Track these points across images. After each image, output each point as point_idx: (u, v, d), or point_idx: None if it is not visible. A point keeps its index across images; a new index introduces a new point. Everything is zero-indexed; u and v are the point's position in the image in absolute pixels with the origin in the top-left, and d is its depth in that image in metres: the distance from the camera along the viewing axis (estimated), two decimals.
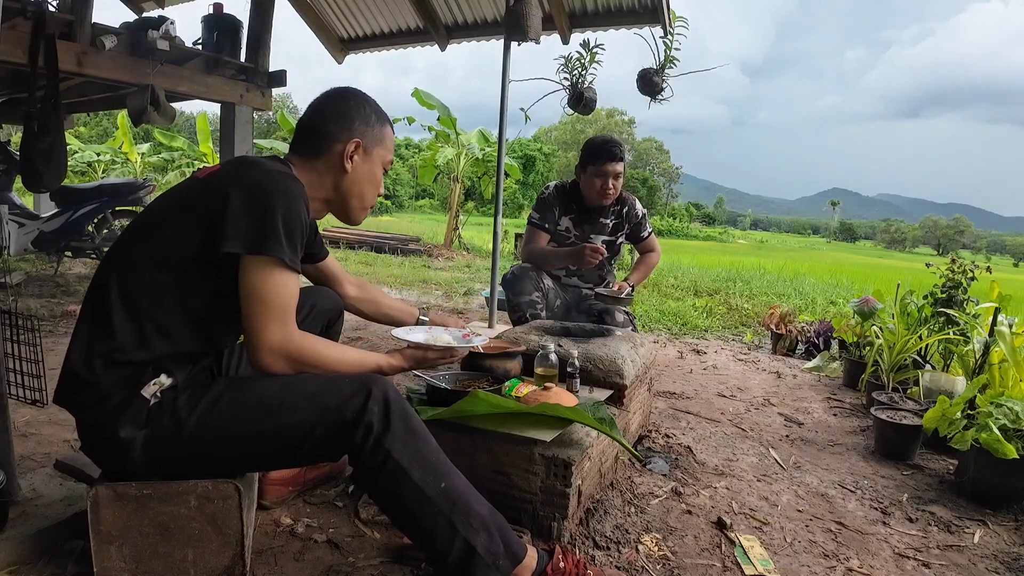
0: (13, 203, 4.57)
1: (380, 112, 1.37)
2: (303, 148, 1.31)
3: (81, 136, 17.50)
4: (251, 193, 1.12)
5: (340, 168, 1.30)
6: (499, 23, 4.29)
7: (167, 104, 3.47)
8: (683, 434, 2.34)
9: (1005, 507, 1.85)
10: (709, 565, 1.47)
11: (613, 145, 2.67)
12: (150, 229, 1.19)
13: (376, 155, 1.35)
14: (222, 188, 1.14)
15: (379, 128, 1.35)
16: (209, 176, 1.20)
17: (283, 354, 1.14)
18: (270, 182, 1.14)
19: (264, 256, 1.11)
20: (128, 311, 1.12)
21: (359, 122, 1.31)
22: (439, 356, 1.37)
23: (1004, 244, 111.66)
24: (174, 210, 1.18)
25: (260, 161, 1.21)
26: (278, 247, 1.11)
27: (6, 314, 1.70)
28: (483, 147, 10.98)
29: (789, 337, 4.02)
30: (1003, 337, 2.33)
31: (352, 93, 1.35)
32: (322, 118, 1.31)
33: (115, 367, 1.11)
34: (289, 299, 1.14)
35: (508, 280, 2.67)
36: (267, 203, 1.12)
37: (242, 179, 1.14)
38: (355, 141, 1.29)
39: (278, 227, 1.11)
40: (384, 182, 1.42)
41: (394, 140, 1.42)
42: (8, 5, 2.73)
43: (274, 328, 1.12)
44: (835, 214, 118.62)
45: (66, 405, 1.16)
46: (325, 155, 1.30)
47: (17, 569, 1.26)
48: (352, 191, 1.34)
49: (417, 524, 1.14)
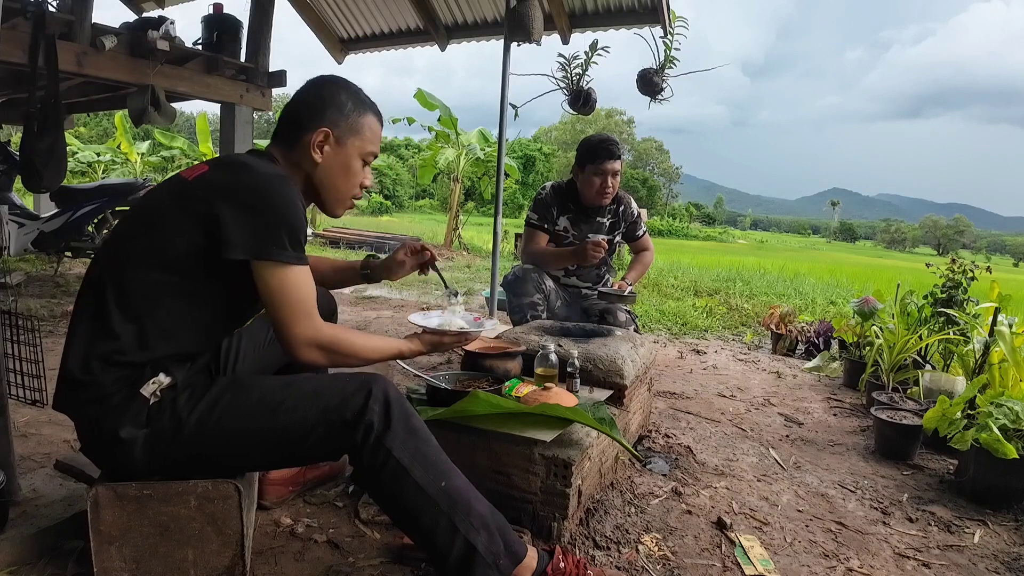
0: (13, 203, 4.57)
1: (360, 101, 1.32)
2: (280, 139, 1.29)
3: (81, 136, 17.50)
4: (249, 200, 1.12)
5: (310, 159, 1.27)
6: (499, 23, 4.30)
7: (167, 104, 3.46)
8: (683, 434, 2.33)
9: (1005, 507, 1.85)
10: (709, 565, 1.47)
11: (610, 143, 2.67)
12: (143, 229, 1.17)
13: (351, 145, 1.30)
14: (217, 195, 1.12)
15: (356, 118, 1.30)
16: (199, 178, 1.18)
17: (316, 345, 1.16)
18: (267, 187, 1.13)
19: (272, 261, 1.12)
20: (127, 312, 1.11)
21: (332, 111, 1.27)
22: (454, 340, 1.41)
23: (1004, 244, 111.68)
24: (167, 211, 1.16)
25: (250, 163, 1.19)
26: (282, 251, 1.12)
27: (6, 314, 1.70)
28: (483, 147, 10.98)
29: (789, 337, 4.02)
30: (1003, 337, 2.33)
31: (330, 81, 1.31)
32: (295, 107, 1.29)
33: (114, 368, 1.11)
34: (308, 294, 1.16)
35: (509, 281, 2.67)
36: (266, 209, 1.11)
37: (237, 185, 1.13)
38: (323, 131, 1.26)
39: (280, 231, 1.12)
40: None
41: (378, 131, 1.35)
42: (8, 5, 2.73)
43: (302, 324, 1.15)
44: (835, 214, 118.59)
45: (65, 409, 1.15)
46: (297, 146, 1.27)
47: (17, 569, 1.26)
48: (325, 183, 1.31)
49: (417, 523, 1.14)
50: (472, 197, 17.85)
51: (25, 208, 4.74)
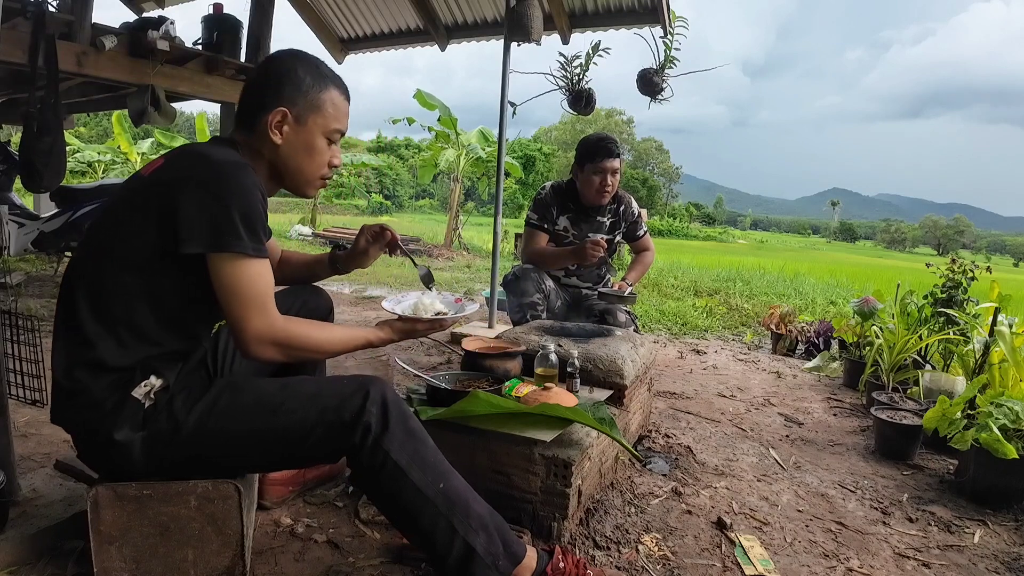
0: (13, 203, 4.57)
1: (320, 75, 1.24)
2: (240, 123, 1.24)
3: (81, 136, 17.49)
4: (202, 192, 1.07)
5: (270, 142, 1.21)
6: (499, 23, 4.29)
7: (167, 104, 3.46)
8: (683, 434, 2.33)
9: (1005, 507, 1.85)
10: (709, 565, 1.47)
11: (609, 142, 2.67)
12: (106, 232, 1.15)
13: (312, 123, 1.22)
14: (171, 187, 1.09)
15: (316, 94, 1.22)
16: (155, 173, 1.15)
17: (270, 341, 1.11)
18: (219, 177, 1.09)
19: (227, 252, 1.07)
20: (100, 317, 1.10)
21: (288, 88, 1.20)
22: (428, 327, 1.33)
23: (1004, 244, 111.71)
24: (125, 210, 1.14)
25: (206, 152, 1.14)
26: (238, 241, 1.07)
27: (6, 314, 1.70)
28: (484, 147, 10.98)
29: (789, 337, 4.02)
30: (1003, 337, 2.33)
31: (284, 57, 1.24)
32: (250, 87, 1.24)
33: (100, 373, 1.10)
34: (264, 287, 1.12)
35: (509, 281, 2.67)
36: (220, 199, 1.07)
37: (191, 177, 1.09)
38: (280, 111, 1.19)
39: (235, 222, 1.07)
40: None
41: (342, 106, 1.27)
42: (8, 5, 2.73)
43: (255, 318, 1.10)
44: (835, 214, 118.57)
45: (61, 421, 1.14)
46: (257, 128, 1.21)
47: (17, 569, 1.26)
48: (289, 165, 1.25)
49: (416, 525, 1.14)
50: (472, 197, 17.85)
51: (25, 208, 4.74)
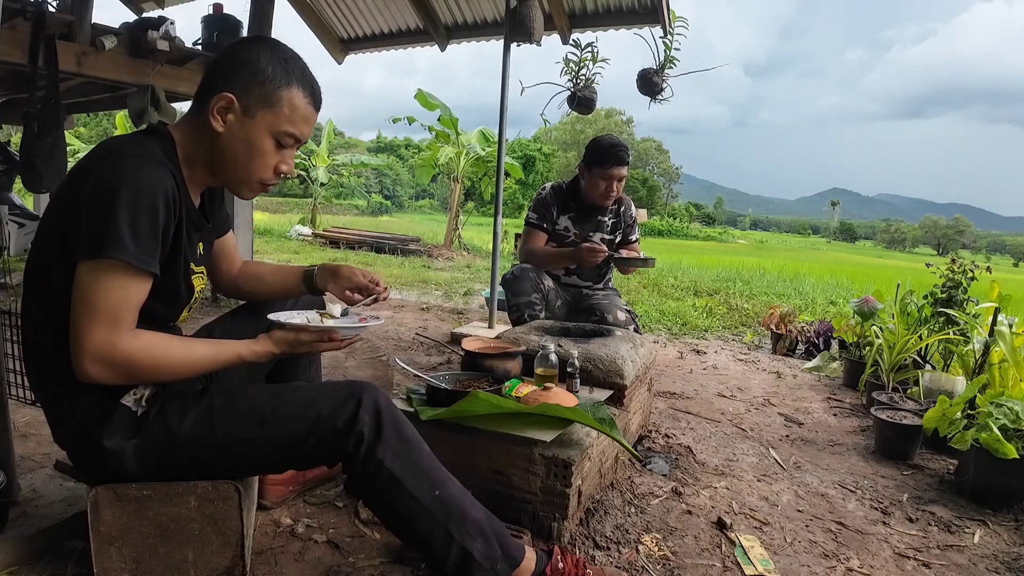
0: (13, 203, 4.57)
1: (287, 71, 1.12)
2: (194, 102, 1.15)
3: (81, 136, 17.50)
4: (95, 191, 0.99)
5: (211, 127, 1.10)
6: (499, 23, 4.29)
7: (167, 104, 3.47)
8: (683, 434, 2.33)
9: (1005, 507, 1.85)
10: (709, 565, 1.47)
11: (621, 149, 2.67)
12: (37, 245, 1.09)
13: (261, 119, 1.11)
14: (72, 190, 1.02)
15: (274, 89, 1.10)
16: (68, 175, 1.08)
17: (106, 361, 1.00)
18: (116, 175, 0.99)
19: (102, 259, 0.97)
20: (60, 346, 1.03)
21: (245, 74, 1.09)
22: (315, 339, 1.17)
23: (1004, 244, 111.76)
24: (45, 222, 1.07)
25: (117, 148, 1.05)
26: (118, 247, 0.97)
27: (6, 314, 1.70)
28: (484, 146, 10.98)
29: (789, 337, 4.02)
30: (1003, 337, 2.33)
31: (252, 43, 1.13)
32: (210, 67, 1.14)
33: (81, 395, 1.08)
34: (121, 302, 1.00)
35: (507, 280, 2.68)
36: (109, 199, 0.98)
37: (91, 177, 1.01)
38: (226, 96, 1.08)
39: (120, 225, 0.97)
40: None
41: (304, 110, 1.14)
42: (8, 5, 2.73)
43: (97, 333, 0.98)
44: (835, 214, 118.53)
45: (62, 441, 1.14)
46: (204, 109, 1.11)
47: (17, 569, 1.26)
48: (226, 156, 1.12)
49: (413, 531, 1.14)
50: (472, 197, 17.84)
51: (25, 208, 4.74)
